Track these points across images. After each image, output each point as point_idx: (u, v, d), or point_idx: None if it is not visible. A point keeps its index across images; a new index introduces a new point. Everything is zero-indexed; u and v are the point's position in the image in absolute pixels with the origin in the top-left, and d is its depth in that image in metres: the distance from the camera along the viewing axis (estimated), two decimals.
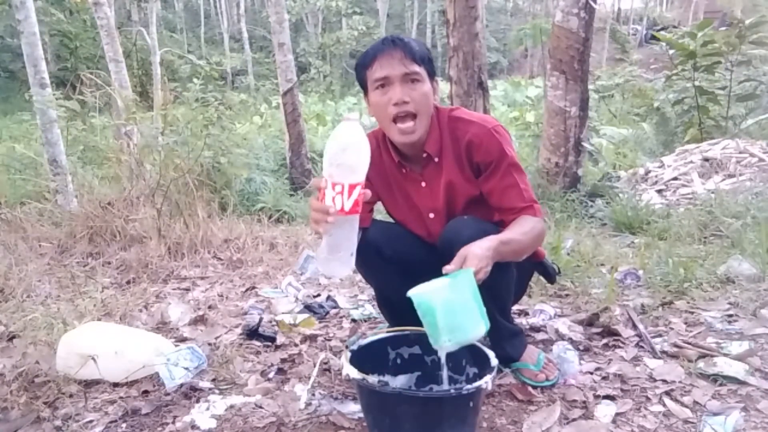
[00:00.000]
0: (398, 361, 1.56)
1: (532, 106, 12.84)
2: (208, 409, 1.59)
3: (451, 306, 1.20)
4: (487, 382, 1.26)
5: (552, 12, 5.16)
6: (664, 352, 1.84)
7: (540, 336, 2.01)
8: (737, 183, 4.18)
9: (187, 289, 2.80)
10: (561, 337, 1.97)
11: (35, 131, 6.76)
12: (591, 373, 1.72)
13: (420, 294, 1.23)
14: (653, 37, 7.41)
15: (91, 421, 1.56)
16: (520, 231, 1.47)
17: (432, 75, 1.52)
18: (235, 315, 2.40)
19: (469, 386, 1.25)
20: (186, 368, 1.76)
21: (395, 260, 1.54)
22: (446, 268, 1.29)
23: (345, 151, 1.22)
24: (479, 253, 1.30)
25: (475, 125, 1.55)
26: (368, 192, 1.27)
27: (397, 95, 1.46)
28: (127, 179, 3.82)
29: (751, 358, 1.72)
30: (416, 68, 1.46)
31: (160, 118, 4.40)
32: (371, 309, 2.35)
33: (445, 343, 1.24)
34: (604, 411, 1.51)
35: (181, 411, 1.59)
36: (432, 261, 1.55)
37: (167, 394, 1.68)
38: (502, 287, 1.56)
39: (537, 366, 1.68)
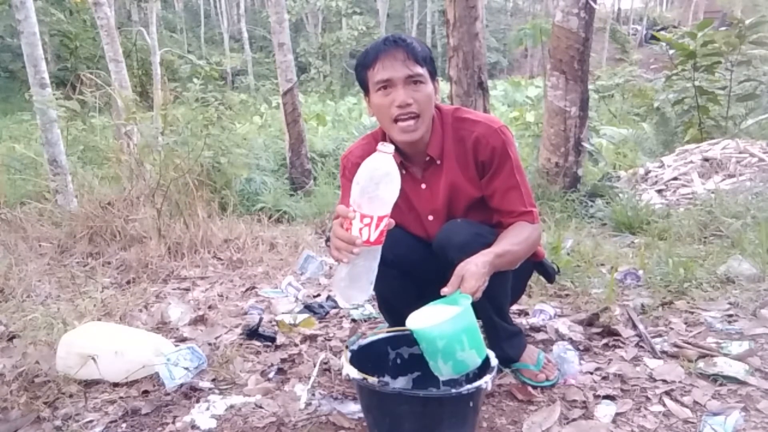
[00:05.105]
0: (398, 361, 1.56)
1: (532, 106, 12.83)
2: (208, 409, 1.60)
3: (450, 346, 1.22)
4: (486, 382, 1.26)
5: (552, 12, 5.15)
6: (664, 352, 1.84)
7: (540, 336, 2.01)
8: (737, 183, 4.18)
9: (187, 289, 2.80)
10: (561, 337, 1.97)
11: (35, 131, 6.76)
12: (591, 373, 1.72)
13: (420, 329, 1.24)
14: (653, 37, 7.39)
15: (91, 421, 1.56)
16: (515, 241, 1.47)
17: (433, 75, 1.51)
18: (235, 315, 2.40)
19: (469, 386, 1.25)
20: (186, 368, 1.76)
21: (396, 264, 1.54)
22: (444, 291, 1.30)
23: (378, 185, 1.21)
24: (475, 271, 1.31)
25: (481, 125, 1.54)
26: (392, 222, 1.27)
27: (401, 97, 1.44)
28: (127, 179, 3.82)
29: (751, 358, 1.72)
30: (419, 69, 1.45)
31: (160, 118, 4.39)
32: (371, 309, 2.35)
33: (442, 376, 1.28)
34: (604, 411, 1.51)
35: (181, 411, 1.60)
36: (431, 263, 1.55)
37: (167, 394, 1.68)
38: (497, 289, 1.55)
39: (537, 366, 1.69)
